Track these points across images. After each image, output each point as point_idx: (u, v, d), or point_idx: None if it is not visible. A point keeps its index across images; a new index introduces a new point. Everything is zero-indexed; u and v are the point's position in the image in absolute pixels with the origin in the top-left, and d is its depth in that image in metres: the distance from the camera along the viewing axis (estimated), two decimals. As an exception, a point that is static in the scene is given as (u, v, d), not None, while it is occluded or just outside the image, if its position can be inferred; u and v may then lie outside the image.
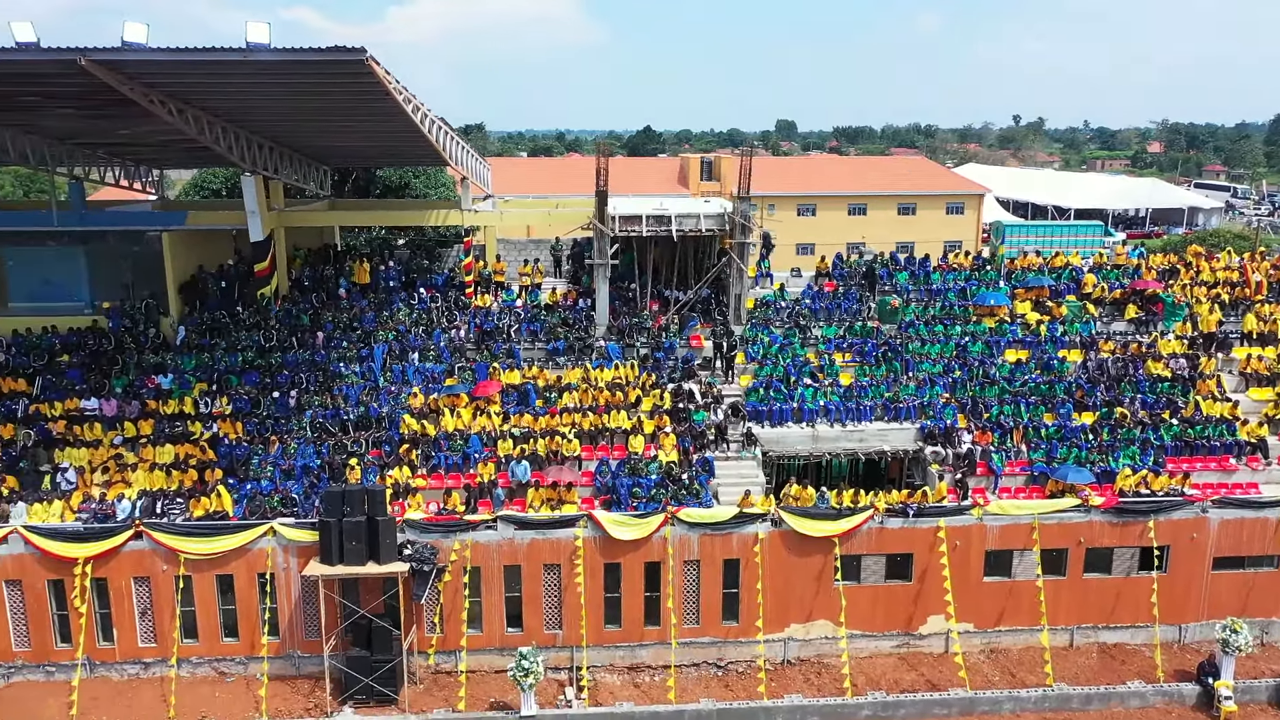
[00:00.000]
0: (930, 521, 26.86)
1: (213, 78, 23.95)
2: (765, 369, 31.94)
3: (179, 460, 28.21)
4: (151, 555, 25.57)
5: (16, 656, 25.94)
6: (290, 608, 26.15)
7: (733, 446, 29.71)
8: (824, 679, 26.85)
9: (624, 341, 32.99)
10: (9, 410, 29.44)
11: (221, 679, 26.47)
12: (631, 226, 33.07)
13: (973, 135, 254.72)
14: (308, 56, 21.80)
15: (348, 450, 28.56)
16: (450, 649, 26.59)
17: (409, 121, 27.06)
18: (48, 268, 34.00)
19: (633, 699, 26.04)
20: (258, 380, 30.82)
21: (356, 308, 33.84)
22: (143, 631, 26.14)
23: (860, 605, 27.13)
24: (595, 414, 29.87)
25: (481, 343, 32.68)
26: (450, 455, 28.58)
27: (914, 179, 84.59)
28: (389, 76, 23.72)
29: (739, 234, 33.02)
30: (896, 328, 33.84)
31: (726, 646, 27.24)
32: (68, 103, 26.25)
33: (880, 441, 30.44)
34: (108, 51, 21.59)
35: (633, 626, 26.97)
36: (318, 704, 25.44)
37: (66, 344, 31.83)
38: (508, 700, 25.58)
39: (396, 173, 50.37)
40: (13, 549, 25.24)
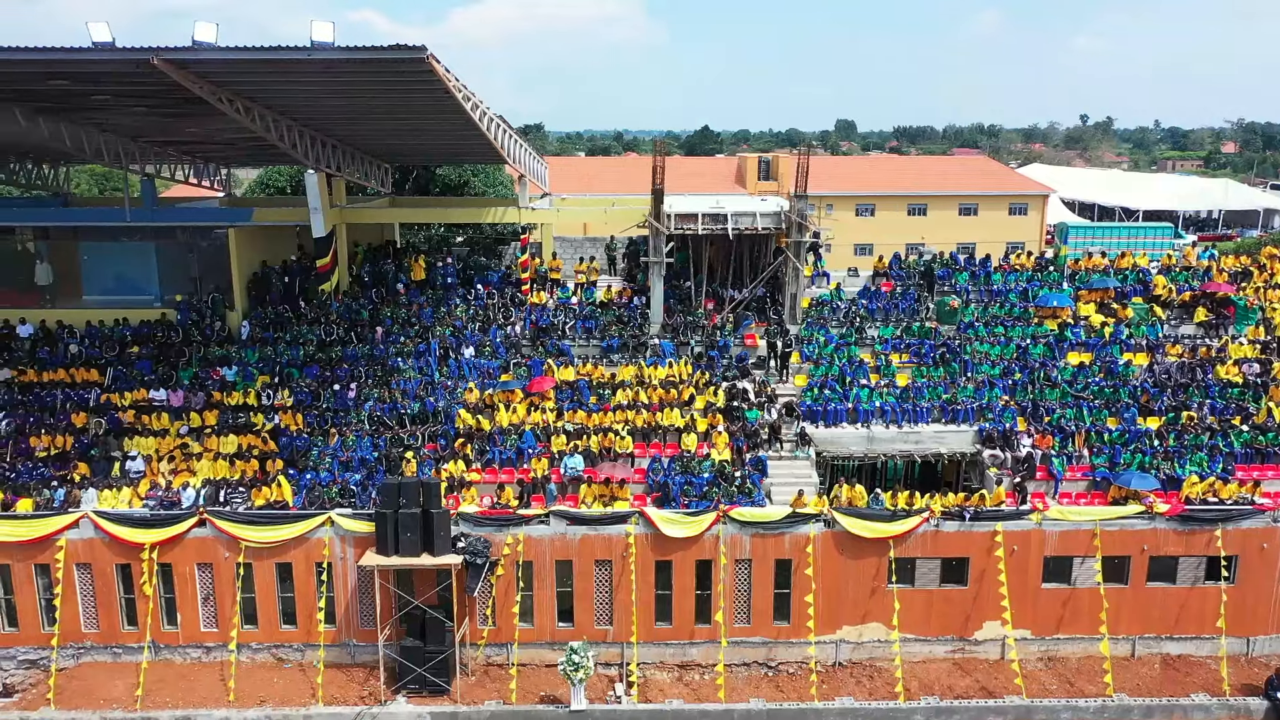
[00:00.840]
0: (988, 525, 26.40)
1: (278, 76, 24.52)
2: (820, 369, 31.67)
3: (241, 450, 28.89)
4: (214, 542, 26.23)
5: (86, 638, 26.78)
6: (346, 597, 26.62)
7: (786, 446, 29.51)
8: (876, 682, 26.54)
9: (678, 339, 32.97)
10: (82, 399, 30.43)
11: (279, 665, 27.04)
12: (687, 224, 33.04)
13: (1038, 135, 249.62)
14: (370, 55, 22.20)
15: (404, 443, 28.97)
16: (502, 642, 26.85)
17: (468, 119, 27.38)
18: (120, 262, 35.07)
19: (682, 697, 26.02)
20: (318, 373, 31.43)
21: (415, 304, 34.32)
22: (205, 617, 26.83)
23: (914, 609, 26.77)
24: (649, 411, 29.89)
25: (537, 339, 32.93)
26: (504, 450, 28.83)
27: (976, 179, 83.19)
28: (449, 75, 24.01)
29: (795, 233, 32.80)
30: (955, 328, 33.31)
31: (777, 647, 27.08)
32: (140, 101, 27.05)
33: (937, 444, 29.99)
34: (178, 51, 22.21)
35: (683, 624, 26.95)
36: (372, 692, 25.86)
37: (137, 336, 32.80)
38: (558, 694, 25.76)
39: (455, 171, 50.93)
40: (84, 533, 26.07)
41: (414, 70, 23.07)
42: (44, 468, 28.23)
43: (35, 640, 26.65)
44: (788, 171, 78.34)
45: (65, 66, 23.14)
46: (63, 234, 35.59)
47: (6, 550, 26.05)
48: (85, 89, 25.35)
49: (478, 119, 27.72)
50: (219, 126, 30.25)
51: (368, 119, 30.16)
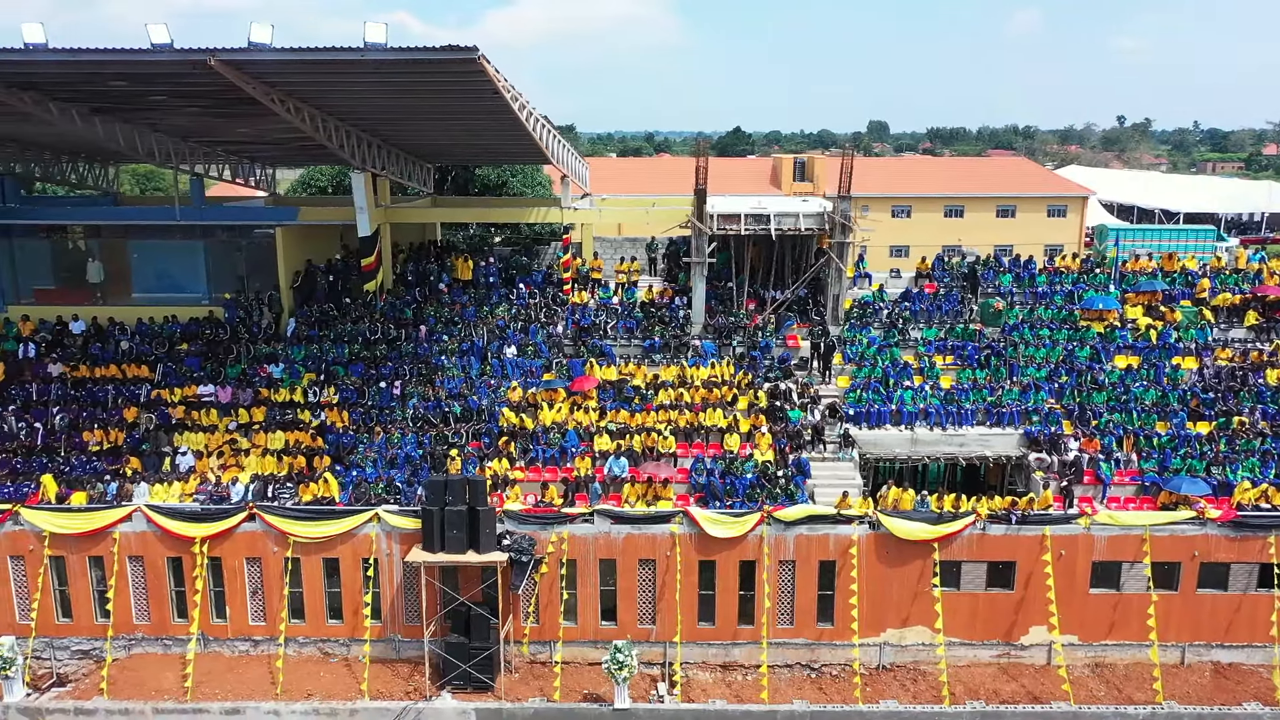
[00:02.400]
0: (1035, 529, 26.15)
1: (330, 76, 24.77)
2: (863, 370, 31.53)
3: (289, 446, 29.23)
4: (263, 537, 26.56)
5: (137, 630, 27.20)
6: (392, 593, 26.85)
7: (829, 447, 29.42)
8: (920, 686, 26.38)
9: (720, 340, 32.96)
10: (133, 394, 30.93)
11: (325, 659, 27.33)
12: (730, 225, 33.02)
13: (1074, 136, 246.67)
14: (422, 56, 22.38)
15: (448, 441, 29.18)
16: (545, 639, 26.97)
17: (515, 120, 27.54)
18: (168, 260, 35.65)
19: (724, 697, 26.00)
20: (363, 371, 31.74)
21: (457, 303, 34.56)
22: (253, 610, 27.16)
23: (959, 612, 26.57)
24: (691, 411, 29.91)
25: (578, 339, 33.04)
26: (547, 449, 28.96)
27: (1014, 180, 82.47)
28: (498, 75, 24.17)
29: (838, 233, 32.67)
30: (999, 330, 33.04)
31: (820, 649, 26.98)
32: (194, 101, 27.44)
33: (981, 446, 29.77)
34: (235, 52, 22.51)
35: (726, 625, 26.93)
36: (417, 688, 26.06)
37: (186, 333, 33.29)
38: (600, 693, 25.83)
39: (495, 171, 51.28)
40: (136, 526, 26.49)
41: (465, 71, 23.24)
42: (97, 461, 28.74)
43: (88, 631, 27.13)
44: (823, 173, 78.41)
45: (125, 67, 23.55)
46: (113, 232, 36.23)
47: (62, 542, 26.52)
48: (143, 89, 25.78)
49: (524, 119, 27.88)
50: (268, 127, 30.63)
51: (415, 119, 30.43)
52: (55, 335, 33.11)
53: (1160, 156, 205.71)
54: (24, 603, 27.07)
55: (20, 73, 24.27)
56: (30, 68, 23.56)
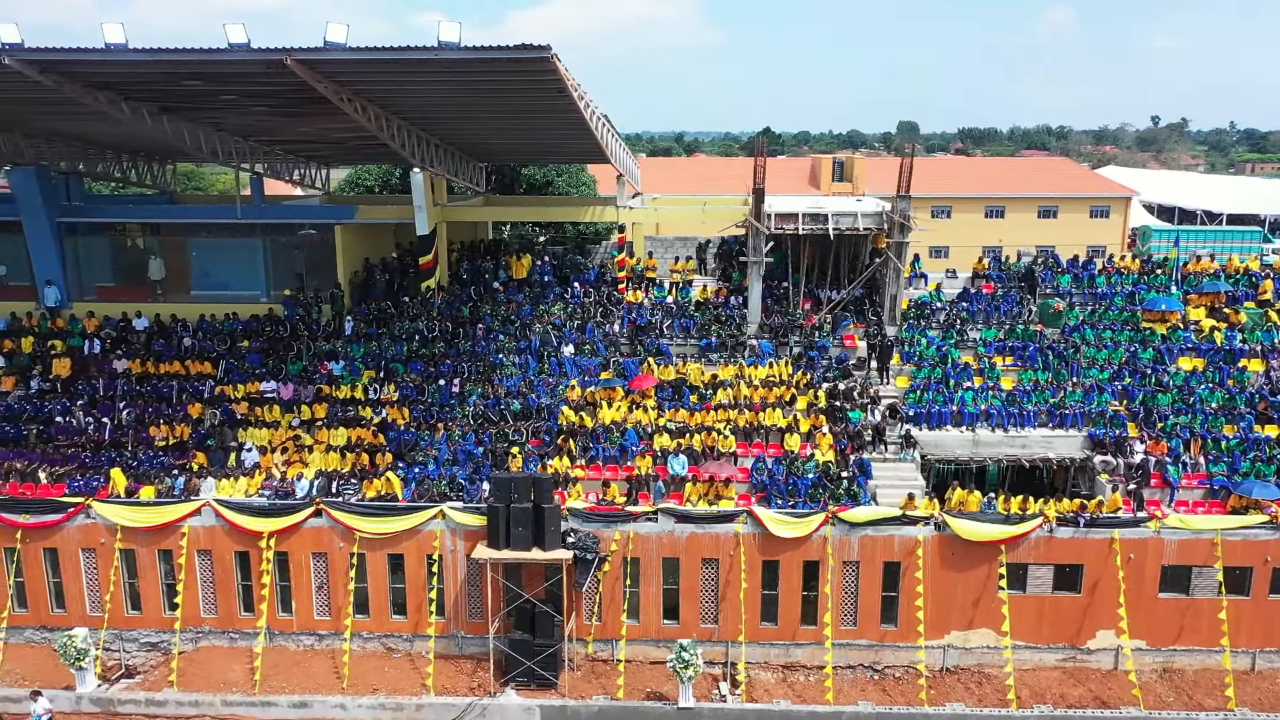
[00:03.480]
0: (1103, 533, 25.89)
1: (401, 76, 24.92)
2: (923, 371, 31.35)
3: (351, 443, 29.47)
4: (330, 532, 26.78)
5: (204, 623, 27.51)
6: (456, 589, 27.00)
7: (890, 448, 29.27)
8: (985, 689, 26.19)
9: (776, 339, 32.88)
10: (196, 391, 31.31)
11: (389, 654, 27.52)
12: (787, 224, 32.95)
13: (1108, 137, 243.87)
14: (495, 55, 22.39)
15: (509, 439, 29.30)
16: (607, 638, 27.03)
17: (580, 119, 27.58)
18: (228, 258, 36.07)
19: (786, 697, 25.94)
20: (421, 369, 31.94)
21: (513, 301, 34.70)
22: (318, 605, 27.40)
23: (1025, 616, 26.34)
24: (751, 411, 29.86)
25: (634, 338, 33.08)
26: (607, 447, 29.01)
27: (1056, 181, 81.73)
28: (568, 74, 24.23)
29: (897, 233, 32.51)
30: (1059, 331, 32.75)
31: (883, 650, 26.85)
32: (262, 100, 27.68)
33: (1044, 448, 29.51)
34: (311, 51, 22.67)
35: (788, 625, 26.87)
36: (480, 684, 26.19)
37: (247, 330, 33.65)
38: (662, 691, 25.85)
39: (540, 170, 51.37)
40: (205, 521, 26.80)
41: (536, 69, 23.31)
42: (163, 456, 29.11)
43: (156, 624, 27.47)
44: (862, 173, 78.08)
45: (201, 67, 23.81)
46: (172, 230, 36.72)
47: (133, 535, 26.88)
48: (215, 89, 26.05)
49: (589, 118, 27.93)
50: (329, 126, 30.88)
51: (477, 118, 30.54)
52: (120, 332, 33.55)
53: (1197, 157, 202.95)
54: (94, 595, 27.45)
55: (98, 72, 24.62)
56: (109, 67, 23.89)
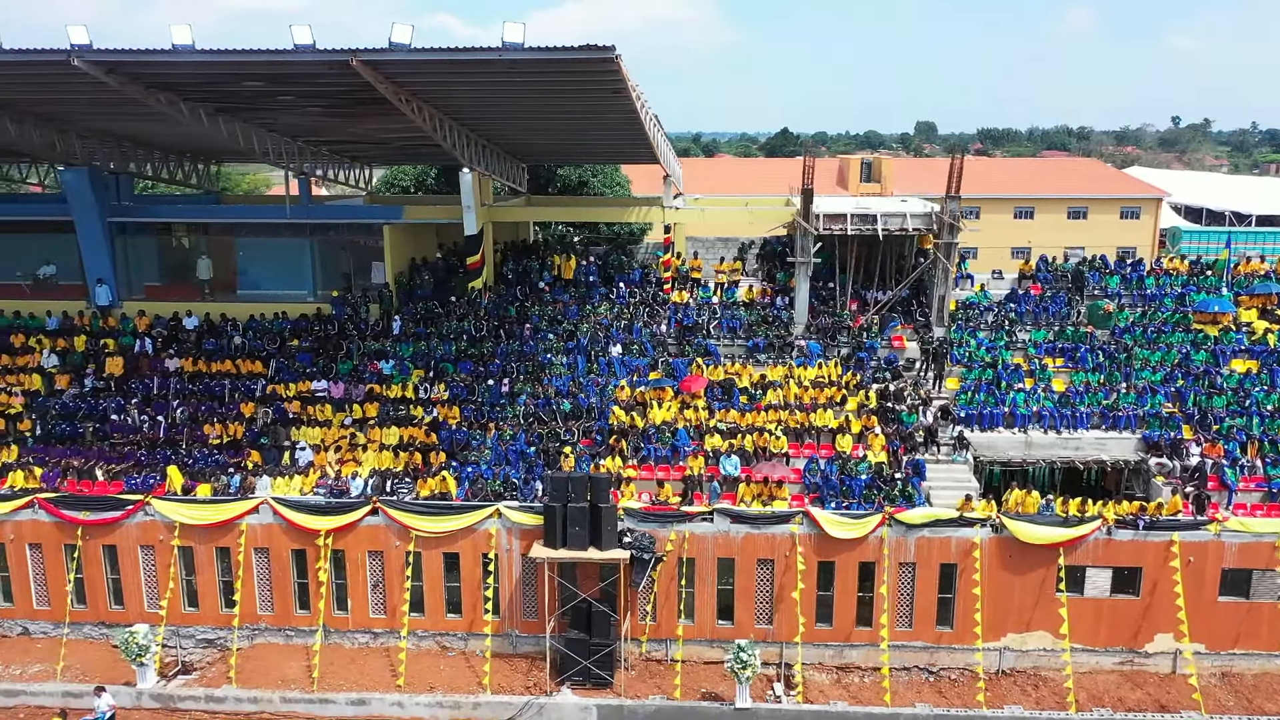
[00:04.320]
0: (1163, 535, 25.73)
1: (459, 76, 25.05)
2: (974, 372, 31.25)
3: (403, 442, 29.59)
4: (386, 530, 26.91)
5: (261, 620, 27.69)
6: (510, 588, 27.07)
7: (942, 449, 29.19)
8: (1041, 692, 26.07)
9: (824, 340, 32.84)
10: (248, 389, 31.51)
11: (443, 653, 27.62)
12: (836, 225, 32.92)
13: (1130, 137, 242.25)
14: (559, 55, 22.50)
15: (560, 439, 29.36)
16: (660, 637, 27.06)
17: (635, 118, 27.65)
18: (275, 257, 36.30)
19: (841, 698, 25.88)
20: (471, 369, 32.05)
21: (559, 301, 34.78)
22: (374, 603, 27.53)
23: (1082, 618, 26.19)
24: (801, 412, 29.83)
25: (681, 338, 33.10)
26: (659, 448, 29.04)
27: (1086, 181, 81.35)
28: (627, 73, 24.27)
29: (947, 234, 32.42)
30: (1109, 333, 32.59)
31: (939, 652, 26.77)
32: (318, 101, 27.89)
33: (1098, 450, 29.37)
34: (377, 52, 22.86)
35: (843, 626, 26.82)
36: (536, 683, 26.25)
37: (295, 329, 33.84)
38: (717, 691, 25.86)
39: (575, 171, 51.46)
40: (263, 519, 26.97)
41: (598, 70, 23.40)
42: (218, 454, 29.31)
43: (213, 620, 27.67)
44: (890, 173, 77.92)
45: (264, 68, 24.02)
46: (219, 230, 37.00)
47: (191, 533, 27.08)
48: (274, 89, 26.25)
49: (644, 118, 27.98)
50: (380, 126, 31.11)
51: (529, 118, 30.63)
52: (170, 331, 33.80)
53: (1220, 158, 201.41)
54: (152, 591, 27.67)
55: (163, 73, 24.84)
56: (174, 69, 24.11)
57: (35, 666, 26.80)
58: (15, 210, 37.06)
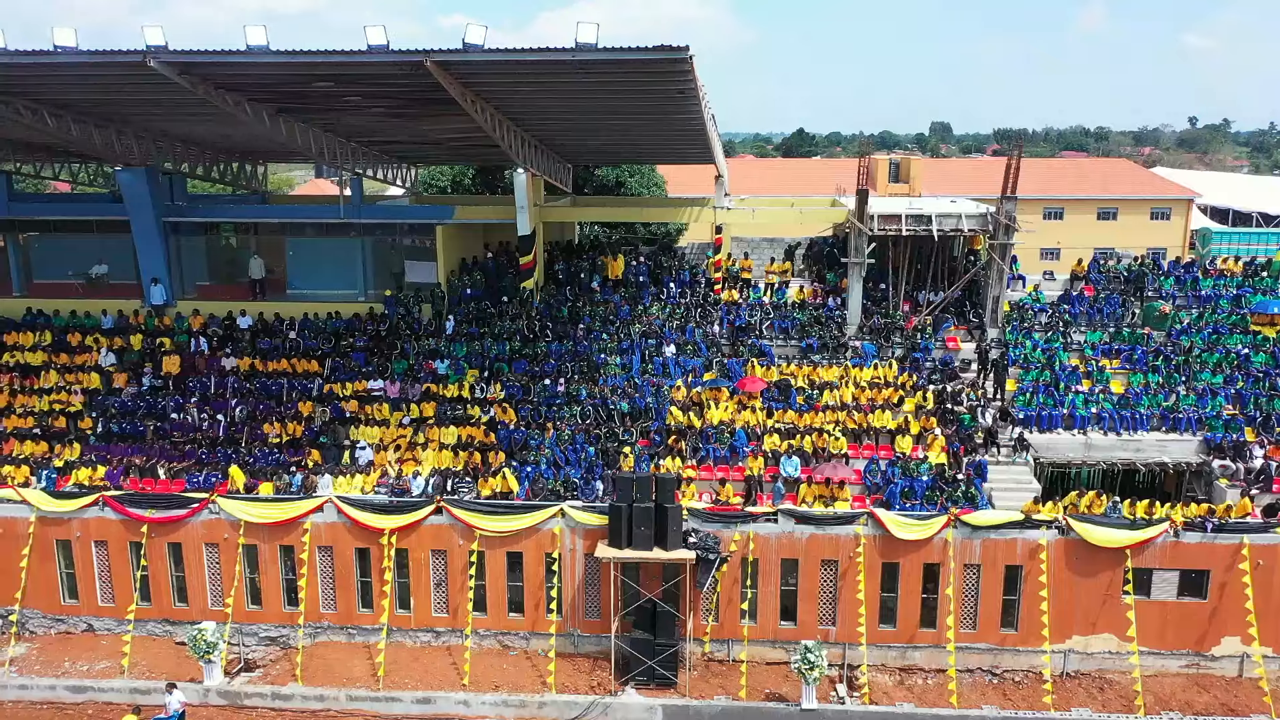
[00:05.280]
0: (1231, 538, 25.60)
1: (526, 76, 25.09)
2: (1030, 373, 31.17)
3: (461, 441, 29.67)
4: (449, 530, 26.97)
5: (323, 618, 27.79)
6: (573, 588, 27.09)
7: (1002, 451, 29.11)
8: (1107, 695, 25.97)
9: (879, 341, 32.79)
10: (305, 388, 31.64)
11: (505, 652, 27.67)
12: (890, 226, 32.87)
13: (1148, 138, 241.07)
14: (633, 55, 22.55)
15: (618, 439, 29.39)
16: (723, 638, 27.05)
17: (697, 118, 27.67)
18: (326, 257, 36.44)
19: (905, 700, 25.83)
20: (526, 368, 32.11)
21: (609, 301, 34.81)
22: (436, 602, 27.59)
23: (1148, 621, 26.06)
24: (859, 412, 29.79)
25: (735, 338, 33.10)
26: (717, 448, 29.04)
27: (1116, 182, 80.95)
28: (697, 74, 24.30)
29: (1002, 234, 32.34)
30: (1166, 334, 32.45)
31: (1003, 654, 26.69)
32: (381, 101, 27.98)
33: (1159, 452, 29.26)
34: (451, 53, 22.95)
35: (906, 627, 26.77)
36: (600, 682, 26.28)
37: (349, 328, 33.95)
38: (781, 692, 25.85)
39: (612, 172, 51.51)
40: (327, 517, 27.06)
41: (670, 70, 23.43)
42: (278, 453, 29.44)
43: (276, 618, 27.78)
44: (918, 173, 77.77)
45: (337, 69, 24.13)
46: (268, 230, 37.18)
47: (255, 531, 27.19)
48: (343, 90, 26.34)
49: (707, 118, 27.98)
50: (439, 126, 31.22)
51: (589, 118, 30.70)
52: (225, 330, 33.96)
53: (1239, 158, 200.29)
54: (216, 589, 27.80)
55: (234, 74, 24.96)
56: (247, 69, 24.24)
57: (102, 663, 26.96)
58: (69, 210, 37.35)
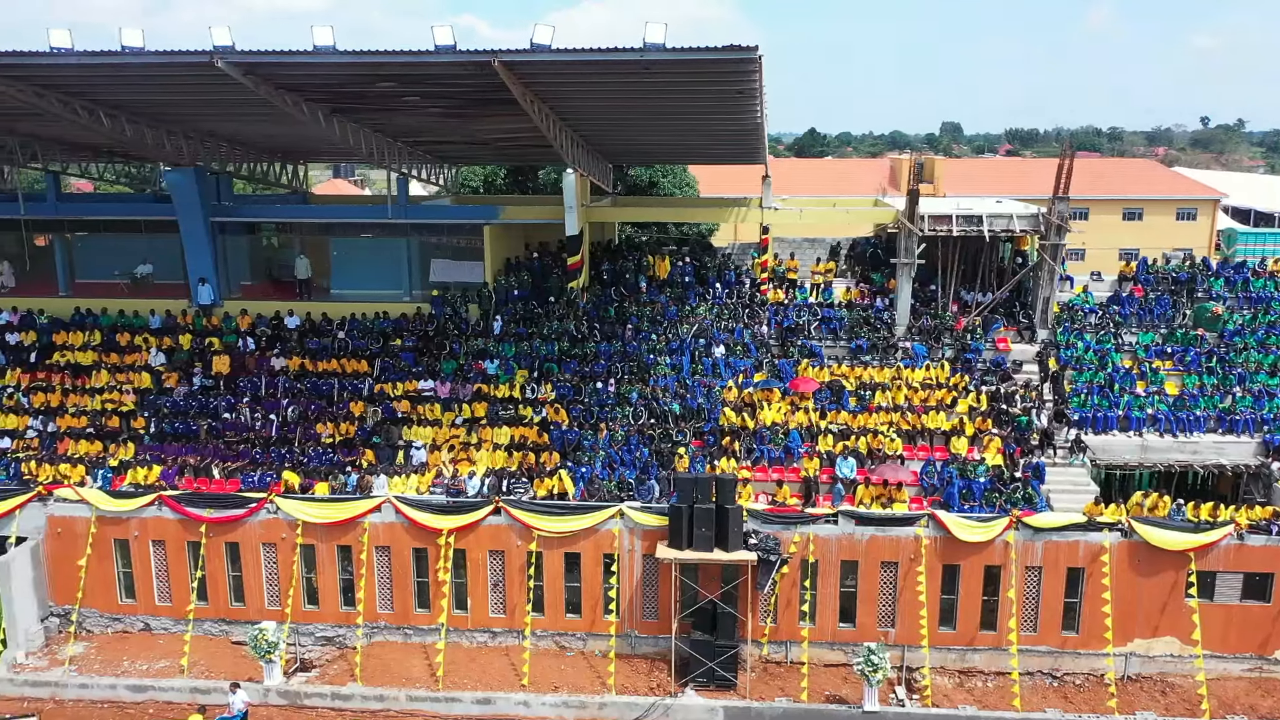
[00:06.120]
0: (1297, 540, 25.47)
1: (590, 76, 25.05)
2: (1084, 374, 31.03)
3: (514, 442, 29.64)
4: (508, 530, 26.93)
5: (380, 618, 27.77)
6: (631, 589, 27.04)
7: (1059, 453, 28.99)
8: (1170, 698, 25.82)
9: (928, 342, 32.68)
10: (355, 389, 31.64)
11: (562, 653, 27.63)
12: (941, 226, 32.76)
13: (1161, 138, 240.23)
14: (703, 55, 22.46)
15: (672, 439, 29.33)
16: (780, 639, 26.98)
17: (754, 118, 27.59)
18: (371, 256, 36.46)
19: (965, 703, 25.73)
20: (575, 369, 32.06)
21: (656, 302, 34.75)
22: (493, 602, 27.57)
23: (1212, 624, 25.92)
24: (914, 413, 29.69)
25: (784, 339, 33.02)
26: (772, 449, 28.97)
27: (1141, 182, 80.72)
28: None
29: (1054, 235, 32.21)
30: (1219, 336, 32.29)
31: (1063, 657, 26.58)
32: (441, 102, 27.94)
33: (1216, 454, 29.13)
34: (518, 53, 22.91)
35: (966, 629, 26.66)
36: (659, 684, 26.23)
37: (397, 328, 33.95)
38: (840, 694, 25.77)
39: (645, 172, 51.45)
40: (385, 517, 27.04)
41: (738, 71, 23.37)
42: (332, 453, 29.44)
43: (332, 618, 27.78)
44: (941, 174, 77.57)
45: (402, 69, 24.10)
46: (311, 230, 37.22)
47: (313, 531, 27.19)
48: (404, 90, 26.31)
49: (763, 118, 27.91)
50: (492, 126, 31.21)
51: (641, 118, 30.62)
52: (273, 329, 33.98)
53: (1254, 158, 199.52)
54: (273, 589, 27.81)
55: (297, 75, 24.96)
56: (312, 70, 24.22)
57: (161, 662, 26.97)
58: (117, 210, 37.44)
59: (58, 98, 26.88)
